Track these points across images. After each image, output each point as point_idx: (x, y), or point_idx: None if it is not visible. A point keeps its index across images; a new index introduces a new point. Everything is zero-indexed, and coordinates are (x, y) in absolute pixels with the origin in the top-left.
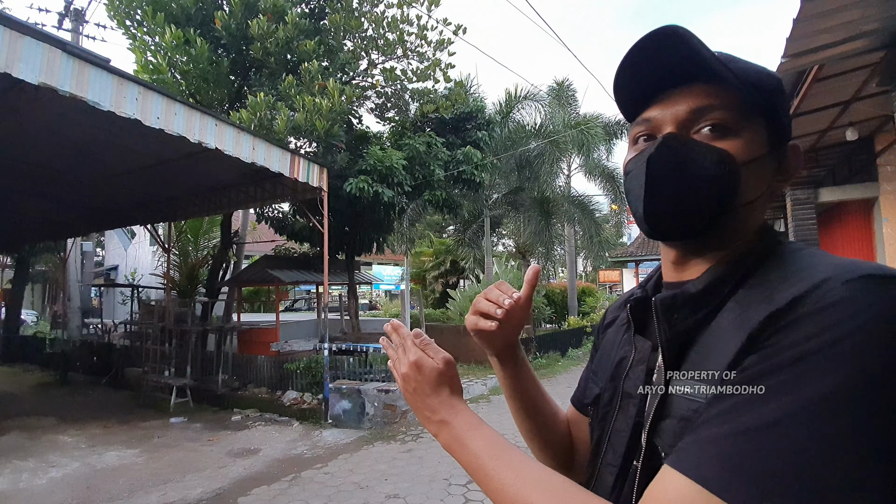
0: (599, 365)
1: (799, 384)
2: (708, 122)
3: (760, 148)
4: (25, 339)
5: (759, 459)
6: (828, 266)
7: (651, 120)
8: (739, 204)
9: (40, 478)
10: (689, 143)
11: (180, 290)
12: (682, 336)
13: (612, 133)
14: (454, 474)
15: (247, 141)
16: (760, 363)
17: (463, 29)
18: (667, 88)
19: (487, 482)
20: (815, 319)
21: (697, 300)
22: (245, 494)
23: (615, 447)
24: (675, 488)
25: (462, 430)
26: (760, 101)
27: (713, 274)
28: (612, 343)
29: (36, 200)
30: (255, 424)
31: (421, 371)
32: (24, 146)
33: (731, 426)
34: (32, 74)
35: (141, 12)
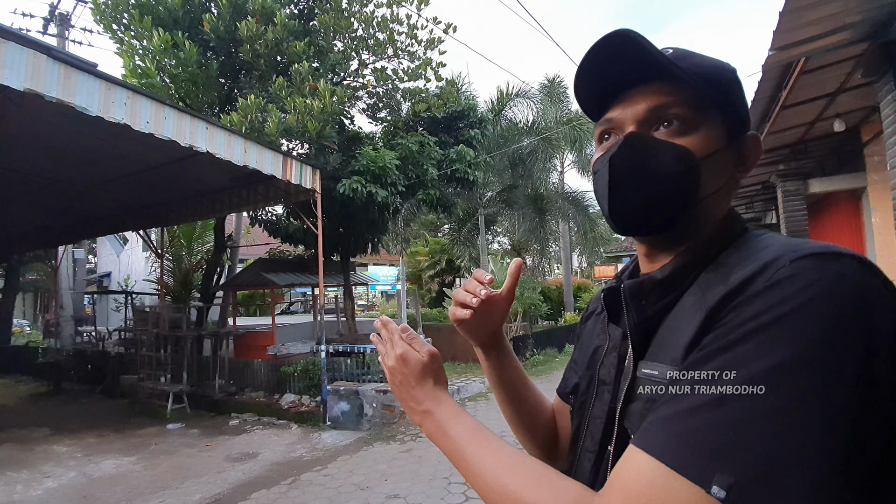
0: (579, 354)
1: (747, 359)
2: (666, 119)
3: (718, 141)
4: (17, 349)
5: (712, 433)
6: (778, 247)
7: (613, 120)
8: (701, 197)
9: (35, 489)
10: (648, 142)
11: (174, 295)
12: (649, 322)
13: None
14: (454, 473)
15: (238, 144)
16: (714, 342)
17: (453, 27)
18: (626, 88)
19: (466, 467)
20: (764, 297)
21: (664, 285)
22: (245, 499)
23: (593, 434)
24: (638, 465)
25: (444, 418)
26: (715, 95)
27: (679, 261)
28: (590, 333)
29: (24, 208)
30: (253, 429)
31: (406, 364)
32: (11, 154)
33: (687, 402)
34: (17, 80)
35: (128, 16)
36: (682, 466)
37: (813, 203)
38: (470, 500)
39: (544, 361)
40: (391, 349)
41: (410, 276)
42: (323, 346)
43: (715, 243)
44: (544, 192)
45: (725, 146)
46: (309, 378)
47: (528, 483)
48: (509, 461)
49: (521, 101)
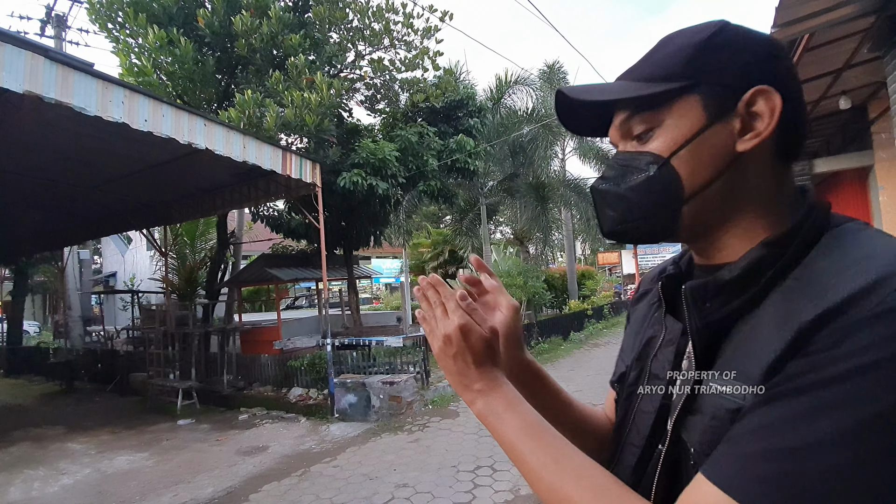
0: (627, 341)
1: (852, 401)
2: (636, 129)
3: (692, 126)
4: (29, 350)
5: (800, 481)
6: (889, 257)
7: (612, 143)
8: (693, 192)
9: (52, 486)
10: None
11: (180, 293)
12: (715, 326)
13: None
14: (462, 461)
15: (237, 140)
16: (809, 372)
17: (449, 15)
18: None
19: (523, 463)
20: (874, 327)
21: (732, 288)
22: (256, 491)
23: (639, 428)
24: (709, 498)
25: (499, 404)
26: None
27: (750, 258)
28: (641, 319)
29: (29, 211)
30: (262, 422)
31: (467, 338)
32: (13, 156)
33: (774, 442)
34: (16, 83)
35: (122, 14)
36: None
37: (819, 183)
38: (478, 488)
39: (549, 349)
40: (444, 316)
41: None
42: (329, 340)
43: (794, 240)
44: (546, 180)
45: (709, 124)
46: (316, 371)
47: (592, 495)
48: (574, 467)
49: (520, 88)
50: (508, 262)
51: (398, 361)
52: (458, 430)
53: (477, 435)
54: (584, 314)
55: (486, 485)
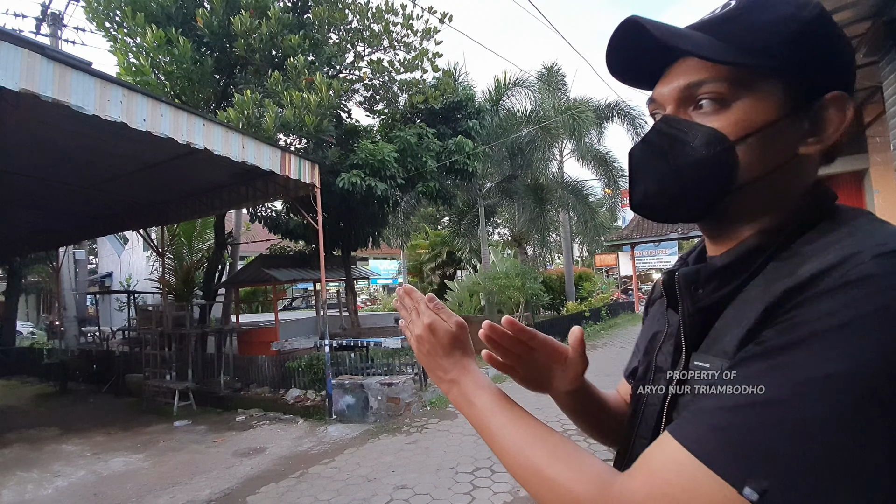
0: (641, 339)
1: (808, 362)
2: (703, 96)
3: (769, 113)
4: (22, 350)
5: (755, 434)
6: (864, 238)
7: (656, 100)
8: (744, 182)
9: (46, 488)
10: (675, 126)
11: (177, 294)
12: (706, 312)
13: (603, 116)
14: (460, 462)
15: (236, 140)
16: (774, 338)
17: (449, 16)
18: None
19: (490, 437)
20: (836, 296)
21: (723, 274)
22: (254, 493)
23: (647, 420)
24: (668, 453)
25: (470, 388)
26: (766, 60)
27: (744, 247)
28: (653, 317)
29: (24, 210)
30: (259, 424)
31: (435, 333)
32: (8, 155)
33: (734, 398)
34: (12, 81)
35: (120, 13)
36: (715, 462)
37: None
38: (477, 490)
39: None
40: (417, 318)
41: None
42: (327, 341)
43: (789, 226)
44: (544, 182)
45: (783, 116)
46: (313, 373)
47: (549, 457)
48: (532, 434)
49: (518, 90)
50: (506, 263)
51: (396, 363)
52: (456, 432)
53: (475, 436)
54: (582, 315)
55: (484, 486)
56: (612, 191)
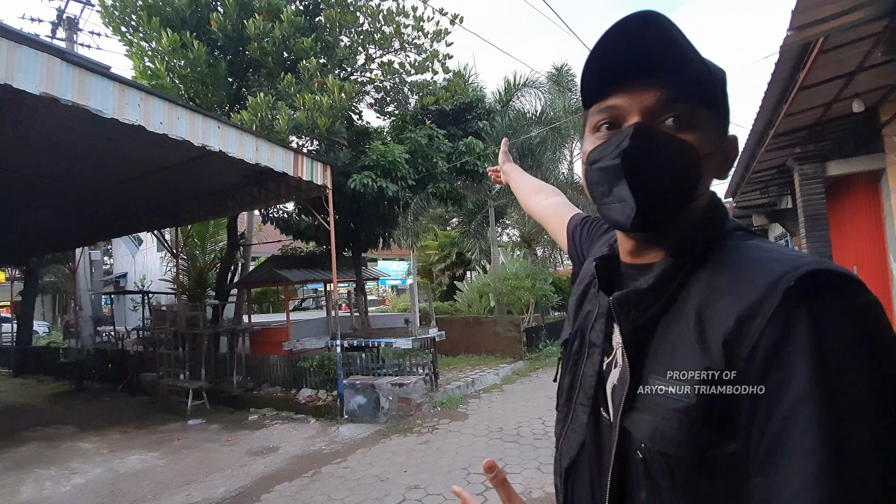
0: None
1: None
2: (672, 113)
3: (715, 141)
4: (39, 350)
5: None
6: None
7: (616, 108)
8: (696, 196)
9: (63, 485)
10: (658, 135)
11: (190, 294)
12: (641, 329)
13: None
14: (472, 463)
15: (249, 142)
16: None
17: (459, 18)
18: (632, 77)
19: None
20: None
21: (650, 296)
22: (268, 491)
23: (586, 390)
24: None
25: None
26: (716, 93)
27: (661, 268)
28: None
29: (41, 212)
30: (272, 423)
31: None
32: (27, 157)
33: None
34: (33, 84)
35: (136, 18)
36: None
37: (830, 185)
38: (490, 490)
39: (557, 352)
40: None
41: (421, 269)
42: (338, 342)
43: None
44: (554, 183)
45: (718, 147)
46: (325, 373)
47: None
48: None
49: (528, 90)
50: (516, 264)
51: (407, 363)
52: (467, 433)
53: (487, 437)
54: None
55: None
56: None
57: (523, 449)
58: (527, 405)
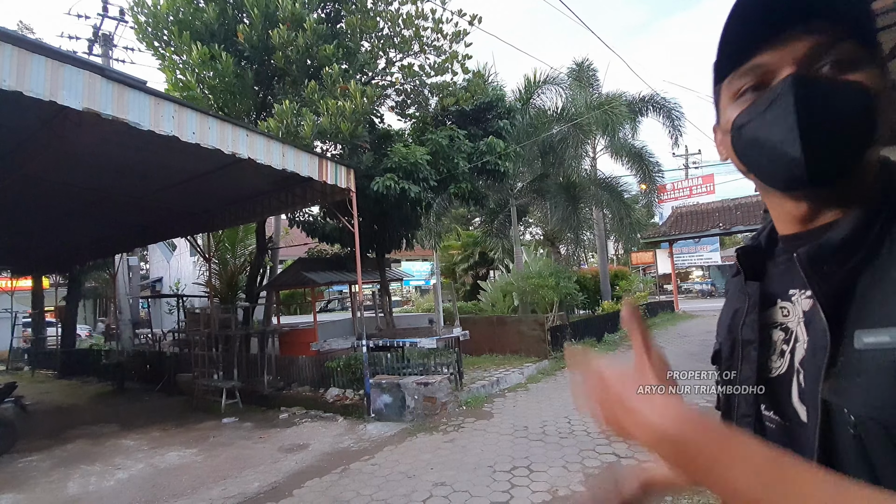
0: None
1: None
2: (829, 58)
3: (883, 78)
4: (82, 352)
5: None
6: None
7: (761, 66)
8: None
9: (108, 480)
10: (818, 80)
11: (222, 297)
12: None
13: (637, 110)
14: (498, 461)
15: (276, 149)
16: None
17: (478, 18)
18: (774, 30)
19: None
20: None
21: (847, 247)
22: (299, 487)
23: (746, 397)
24: None
25: None
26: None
27: (855, 218)
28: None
29: (83, 221)
30: (301, 421)
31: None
32: (71, 170)
33: None
34: (76, 101)
35: (167, 32)
36: None
37: None
38: (515, 488)
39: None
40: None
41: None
42: (364, 342)
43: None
44: (576, 180)
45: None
46: (352, 372)
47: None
48: None
49: (549, 87)
50: (539, 263)
51: (432, 363)
52: (492, 431)
53: (512, 436)
54: (619, 315)
55: (523, 485)
56: (648, 186)
57: (549, 448)
58: (552, 404)
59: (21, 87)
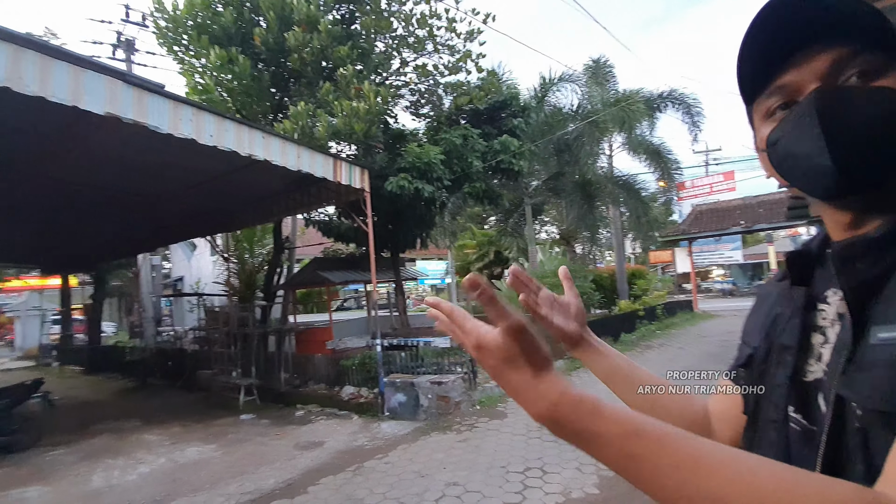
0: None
1: None
2: (852, 70)
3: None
4: (107, 349)
5: None
6: None
7: (786, 86)
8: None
9: (130, 474)
10: (845, 91)
11: (240, 295)
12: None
13: (655, 107)
14: (511, 462)
15: (292, 150)
16: None
17: (492, 17)
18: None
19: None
20: None
21: (880, 247)
22: (314, 484)
23: (776, 402)
24: None
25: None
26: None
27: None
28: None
29: (108, 221)
30: (317, 419)
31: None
32: (94, 172)
33: None
34: (98, 105)
35: (187, 37)
36: None
37: None
38: (528, 489)
39: None
40: (463, 336)
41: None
42: (378, 341)
43: None
44: (592, 178)
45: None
46: (366, 371)
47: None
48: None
49: (564, 85)
50: (554, 261)
51: (445, 362)
52: (506, 431)
53: (526, 436)
54: (636, 315)
55: (536, 486)
56: (666, 183)
57: (563, 449)
58: None
59: (44, 93)
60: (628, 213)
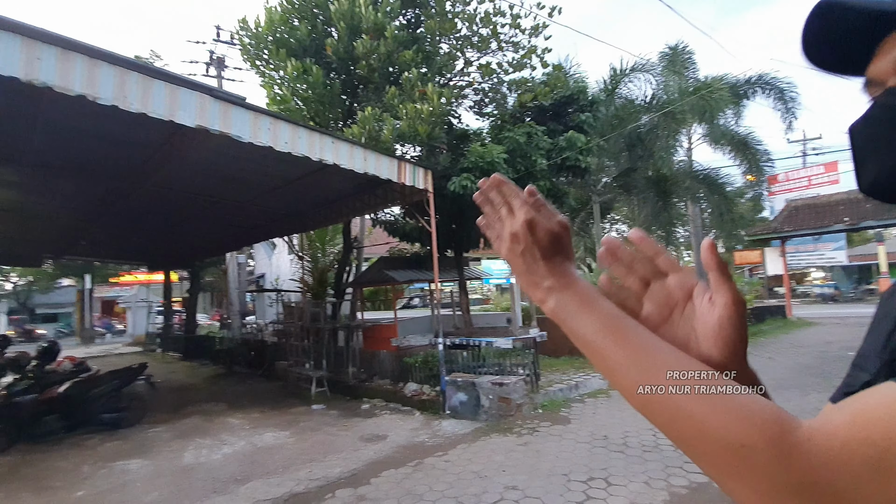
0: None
1: None
2: None
3: None
4: (200, 338)
5: None
6: None
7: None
8: None
9: (216, 453)
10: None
11: (313, 292)
12: None
13: (742, 94)
14: (573, 470)
15: (359, 154)
16: None
17: (558, 10)
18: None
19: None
20: None
21: None
22: (376, 476)
23: None
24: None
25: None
26: None
27: None
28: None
29: (200, 223)
30: (381, 413)
31: (534, 233)
32: (187, 178)
33: None
34: (190, 119)
35: (267, 51)
36: None
37: None
38: (590, 500)
39: None
40: (510, 215)
41: None
42: (440, 339)
43: None
44: (668, 173)
45: None
46: (429, 369)
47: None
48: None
49: (637, 76)
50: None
51: (507, 363)
52: (569, 438)
53: (590, 444)
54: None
55: (599, 497)
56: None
57: (630, 460)
58: (636, 414)
59: (145, 109)
60: (710, 210)
